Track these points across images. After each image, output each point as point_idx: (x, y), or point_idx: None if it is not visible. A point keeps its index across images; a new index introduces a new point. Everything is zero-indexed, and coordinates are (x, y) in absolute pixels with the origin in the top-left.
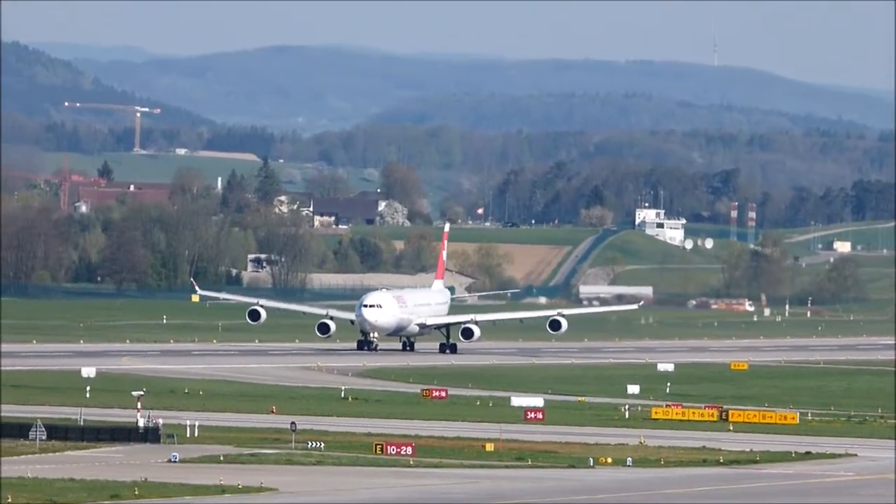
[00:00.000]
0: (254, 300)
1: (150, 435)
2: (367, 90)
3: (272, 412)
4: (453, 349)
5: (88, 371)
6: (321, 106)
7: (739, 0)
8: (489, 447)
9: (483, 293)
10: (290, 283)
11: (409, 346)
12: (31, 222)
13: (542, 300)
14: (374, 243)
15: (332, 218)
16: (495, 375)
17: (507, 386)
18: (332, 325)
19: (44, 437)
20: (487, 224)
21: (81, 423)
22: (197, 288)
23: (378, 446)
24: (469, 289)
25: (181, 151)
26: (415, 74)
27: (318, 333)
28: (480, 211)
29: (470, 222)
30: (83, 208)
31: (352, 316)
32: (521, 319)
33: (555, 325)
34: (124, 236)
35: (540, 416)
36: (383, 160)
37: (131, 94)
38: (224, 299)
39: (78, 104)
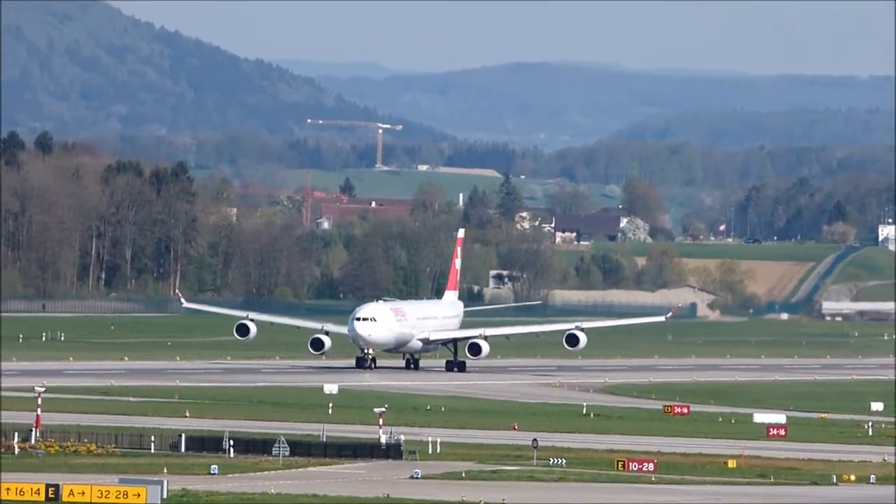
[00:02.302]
0: (242, 314)
1: (392, 451)
2: (608, 106)
3: (514, 429)
4: (461, 367)
5: (331, 388)
6: (562, 122)
7: None
8: (731, 464)
9: (722, 309)
10: (531, 300)
11: (412, 364)
12: (274, 239)
13: (784, 316)
14: (616, 259)
15: (574, 234)
16: (737, 392)
17: (750, 402)
18: (328, 342)
19: (287, 453)
20: (729, 240)
21: (324, 440)
22: (182, 300)
23: (620, 462)
24: (711, 305)
25: (423, 167)
26: (655, 90)
27: (311, 350)
28: (722, 227)
29: (712, 238)
30: (325, 224)
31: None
32: (537, 334)
33: (572, 339)
34: (366, 252)
35: (782, 432)
36: (625, 176)
37: (373, 111)
38: (210, 312)
39: (320, 121)
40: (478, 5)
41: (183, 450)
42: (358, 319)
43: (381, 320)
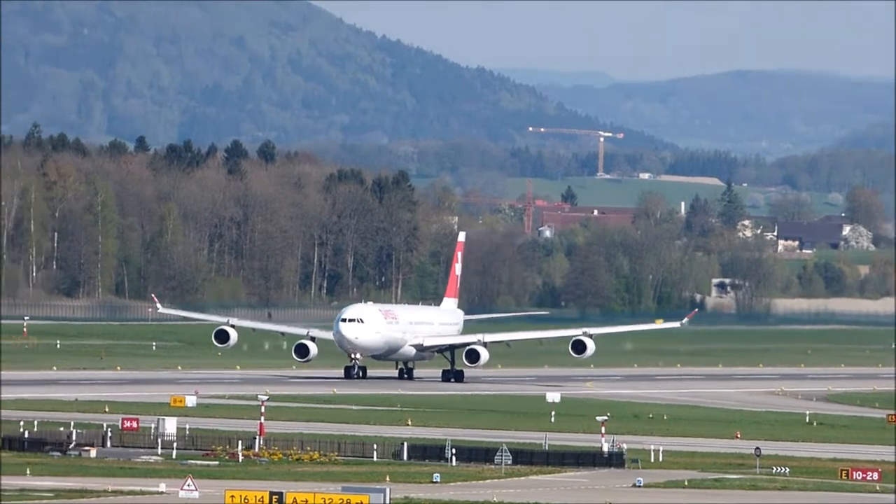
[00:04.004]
0: (223, 320)
1: (615, 459)
2: (831, 114)
3: (736, 437)
4: (459, 377)
5: (553, 396)
6: (784, 129)
7: None
8: None
9: None
10: (754, 309)
11: (406, 374)
12: (496, 247)
13: None
14: (838, 268)
15: (796, 242)
16: None
17: None
18: (313, 348)
19: (509, 462)
20: None
21: (546, 448)
22: (158, 305)
23: (843, 471)
24: None
25: (644, 176)
26: (879, 98)
27: (295, 357)
28: None
29: None
30: (547, 233)
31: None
32: (540, 341)
33: (578, 346)
34: (588, 261)
35: None
36: (847, 184)
37: (594, 119)
38: (186, 317)
39: (542, 129)
40: (699, 14)
41: (405, 458)
42: (344, 321)
43: (370, 322)
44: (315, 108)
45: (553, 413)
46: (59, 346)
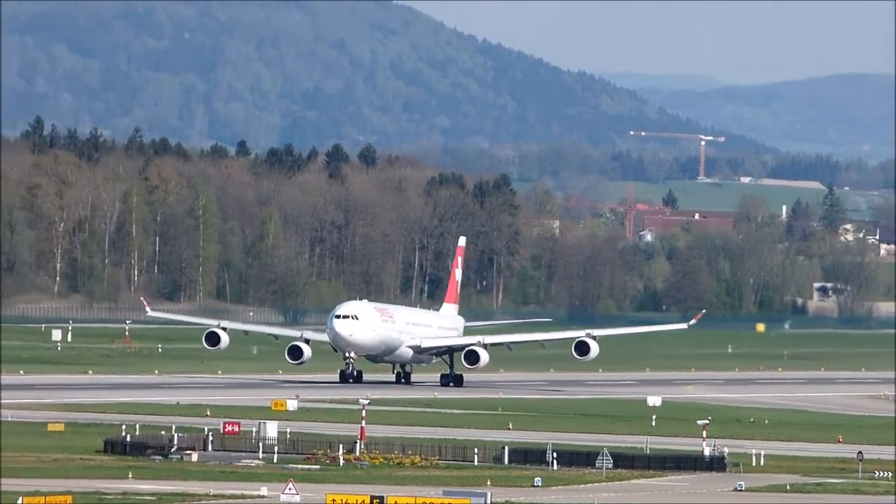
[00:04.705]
0: (213, 322)
1: (716, 464)
2: None
3: (838, 441)
4: (458, 381)
5: (654, 400)
6: (887, 133)
7: None
8: None
9: None
10: (856, 312)
11: (403, 378)
12: (597, 251)
13: None
14: None
15: None
16: None
17: None
18: (307, 350)
19: (610, 466)
20: None
21: (647, 452)
22: (147, 308)
23: None
24: None
25: (745, 179)
26: None
27: (288, 359)
28: None
29: None
30: (648, 237)
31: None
32: (542, 343)
33: (582, 348)
34: (689, 264)
35: None
36: None
37: (695, 123)
38: (177, 321)
39: (643, 133)
40: (801, 16)
41: (506, 462)
42: (338, 317)
43: (365, 319)
44: (416, 111)
45: (654, 417)
46: (160, 350)
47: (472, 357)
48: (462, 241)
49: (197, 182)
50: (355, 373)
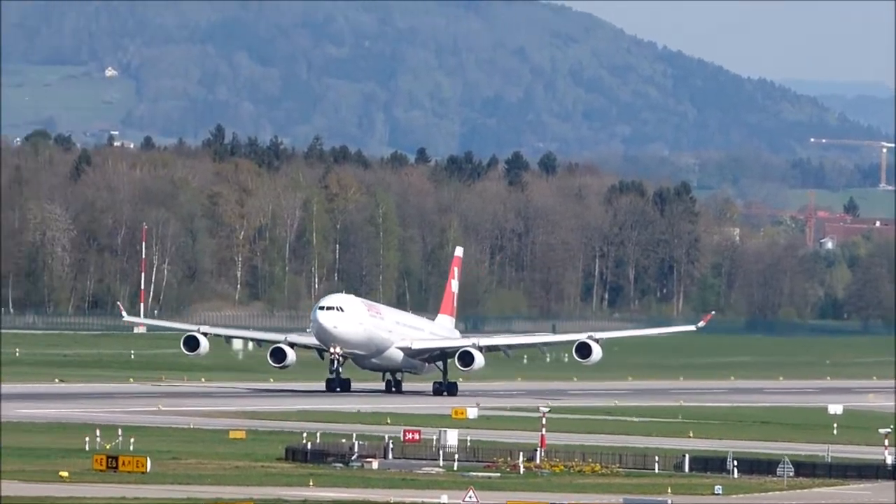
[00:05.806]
0: (193, 327)
1: None
2: None
3: None
4: (451, 389)
5: (835, 408)
6: None
7: None
8: None
9: None
10: None
11: (393, 386)
12: (778, 259)
13: None
14: None
15: None
16: None
17: None
18: (291, 354)
19: (791, 474)
20: None
21: (828, 460)
22: (123, 313)
23: None
24: None
25: None
26: None
27: (271, 362)
28: None
29: None
30: (829, 244)
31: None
32: (541, 346)
33: (583, 350)
34: (870, 272)
35: None
36: None
37: (876, 130)
38: (153, 326)
39: (823, 140)
40: None
41: (687, 469)
42: (322, 308)
43: (350, 311)
44: (596, 119)
45: (835, 425)
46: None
47: (467, 359)
48: (459, 251)
49: (377, 190)
50: (340, 377)
